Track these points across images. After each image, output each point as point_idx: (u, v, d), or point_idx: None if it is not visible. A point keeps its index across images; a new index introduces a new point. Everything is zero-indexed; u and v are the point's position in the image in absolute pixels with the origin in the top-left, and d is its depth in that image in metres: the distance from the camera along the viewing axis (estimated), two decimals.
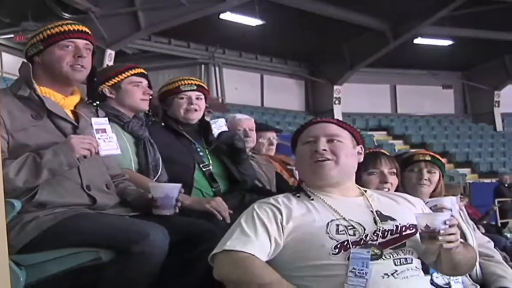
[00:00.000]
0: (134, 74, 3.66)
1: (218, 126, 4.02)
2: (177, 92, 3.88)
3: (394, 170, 3.50)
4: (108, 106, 3.52)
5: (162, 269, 2.67)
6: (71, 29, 3.00)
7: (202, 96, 3.94)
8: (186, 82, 3.91)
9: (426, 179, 3.72)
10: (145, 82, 3.68)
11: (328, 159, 2.59)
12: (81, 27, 3.04)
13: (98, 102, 3.20)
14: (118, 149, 2.98)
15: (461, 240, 2.56)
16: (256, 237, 2.41)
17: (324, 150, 2.59)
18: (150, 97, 3.72)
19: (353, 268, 2.33)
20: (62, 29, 2.98)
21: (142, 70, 3.72)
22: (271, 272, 2.34)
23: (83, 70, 3.02)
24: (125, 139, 3.48)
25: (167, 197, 2.91)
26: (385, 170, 3.46)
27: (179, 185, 2.99)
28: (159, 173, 3.52)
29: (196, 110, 3.88)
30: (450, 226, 2.38)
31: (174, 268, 2.73)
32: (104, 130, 2.94)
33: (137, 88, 3.63)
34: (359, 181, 3.15)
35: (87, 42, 3.05)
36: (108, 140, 2.92)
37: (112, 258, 2.66)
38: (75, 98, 3.06)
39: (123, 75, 3.62)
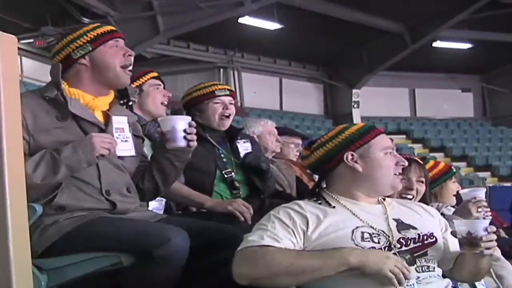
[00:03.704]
0: (154, 77, 3.71)
1: (245, 147, 3.95)
2: (212, 97, 3.82)
3: (423, 179, 3.56)
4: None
5: (183, 273, 2.66)
6: (113, 29, 3.01)
7: (233, 101, 3.92)
8: (220, 87, 3.87)
9: None
10: (162, 85, 3.73)
11: None
12: (114, 28, 3.05)
13: (131, 103, 3.21)
14: (133, 150, 2.97)
15: None
16: (274, 229, 2.40)
17: None
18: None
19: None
20: (107, 29, 2.97)
21: (157, 74, 3.78)
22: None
23: (130, 74, 3.00)
24: None
25: (174, 129, 2.85)
26: (413, 178, 3.50)
27: (188, 117, 2.94)
28: None
29: (229, 115, 3.85)
30: (490, 233, 2.42)
31: (196, 272, 2.71)
32: (122, 130, 2.93)
33: (157, 90, 3.69)
34: None
35: (124, 41, 3.04)
36: (124, 140, 2.92)
37: (133, 263, 2.65)
38: (108, 98, 2.99)
39: (145, 77, 3.67)
